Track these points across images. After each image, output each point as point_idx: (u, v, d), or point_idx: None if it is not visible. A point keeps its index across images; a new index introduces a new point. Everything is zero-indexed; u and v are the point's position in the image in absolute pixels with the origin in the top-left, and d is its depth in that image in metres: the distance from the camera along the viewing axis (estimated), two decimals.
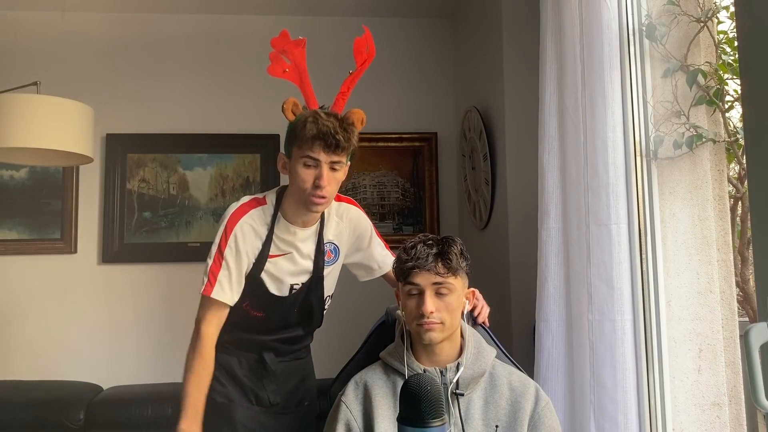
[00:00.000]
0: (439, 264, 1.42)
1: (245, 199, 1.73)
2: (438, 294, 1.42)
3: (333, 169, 1.61)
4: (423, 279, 1.42)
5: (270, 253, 1.69)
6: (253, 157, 3.38)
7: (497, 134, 2.72)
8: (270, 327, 1.80)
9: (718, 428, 1.66)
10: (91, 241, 3.28)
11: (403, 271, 1.44)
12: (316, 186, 1.59)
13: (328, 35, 3.50)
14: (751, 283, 1.84)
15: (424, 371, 1.43)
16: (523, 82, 2.48)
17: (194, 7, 3.38)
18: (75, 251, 3.25)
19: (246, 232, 1.66)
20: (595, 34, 1.78)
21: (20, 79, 2.86)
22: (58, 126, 2.44)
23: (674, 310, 1.72)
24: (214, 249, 1.67)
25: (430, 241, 1.45)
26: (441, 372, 1.44)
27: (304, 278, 1.76)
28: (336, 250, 1.83)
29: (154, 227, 3.31)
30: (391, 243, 3.32)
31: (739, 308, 1.74)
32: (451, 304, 1.43)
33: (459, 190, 3.42)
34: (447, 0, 3.40)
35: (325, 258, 1.78)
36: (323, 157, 1.59)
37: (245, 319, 1.76)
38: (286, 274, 1.73)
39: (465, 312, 1.51)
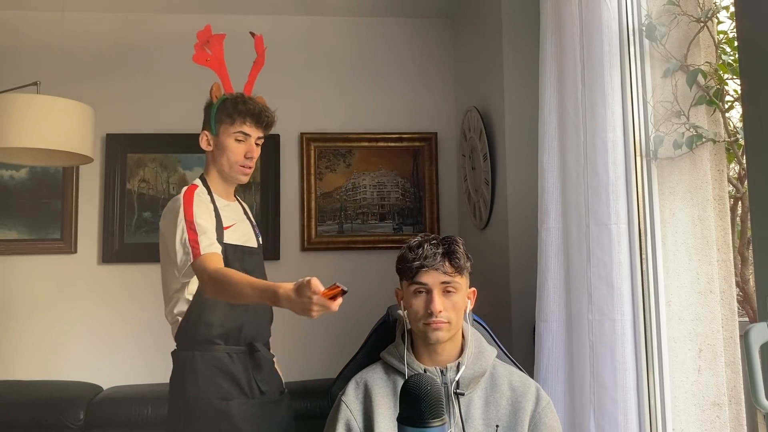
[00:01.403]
0: (447, 263, 1.43)
1: (182, 190, 1.86)
2: (445, 293, 1.43)
3: (257, 144, 1.91)
4: (431, 278, 1.42)
5: (224, 225, 1.86)
6: None
7: (497, 134, 2.72)
8: None
9: (718, 428, 1.66)
10: (91, 241, 3.28)
11: (410, 270, 1.44)
12: (247, 158, 1.88)
13: (328, 35, 3.50)
14: (751, 283, 1.84)
15: (425, 371, 1.43)
16: (523, 82, 2.48)
17: (194, 7, 3.38)
18: (75, 251, 3.25)
19: (202, 200, 1.84)
20: (595, 34, 1.78)
21: (20, 79, 2.86)
22: (58, 126, 2.44)
23: (674, 310, 1.72)
24: (182, 226, 1.74)
25: (434, 240, 1.46)
26: (441, 372, 1.44)
27: (254, 242, 1.98)
28: (257, 229, 2.08)
29: (154, 227, 3.30)
30: (391, 243, 3.36)
31: (739, 308, 1.74)
32: (458, 303, 1.44)
33: (459, 190, 3.42)
34: (447, 0, 3.39)
35: (255, 231, 2.03)
36: (253, 132, 1.89)
37: None
38: (242, 241, 1.90)
39: (467, 312, 1.51)
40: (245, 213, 2.03)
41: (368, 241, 3.40)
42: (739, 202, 1.88)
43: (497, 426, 1.41)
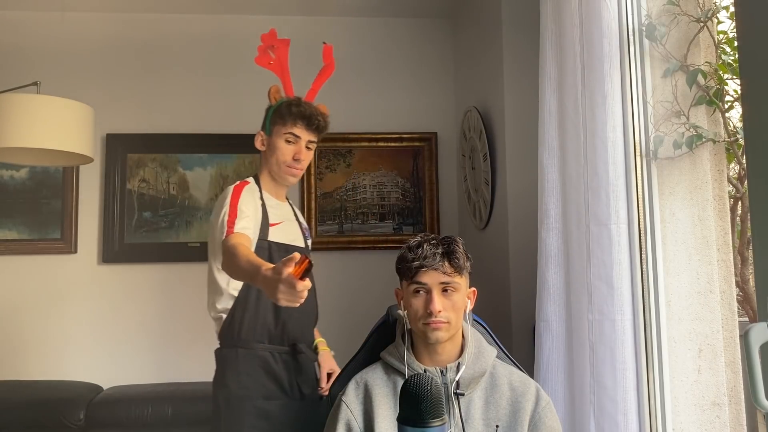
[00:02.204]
0: (446, 263, 1.43)
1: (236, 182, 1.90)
2: (444, 293, 1.43)
3: (308, 147, 1.93)
4: (430, 278, 1.43)
5: (270, 221, 1.88)
6: (253, 157, 3.38)
7: (497, 134, 2.72)
8: None
9: (718, 428, 1.66)
10: (91, 241, 3.28)
11: (409, 270, 1.45)
12: (296, 159, 1.90)
13: (328, 35, 3.50)
14: (751, 283, 1.84)
15: (425, 371, 1.43)
16: (523, 82, 2.48)
17: (194, 7, 3.38)
18: (75, 251, 3.25)
19: (252, 195, 1.87)
20: (595, 34, 1.78)
21: (20, 79, 2.86)
22: (58, 126, 2.44)
23: (674, 310, 1.72)
24: (225, 208, 1.77)
25: (434, 240, 1.46)
26: (441, 372, 1.44)
27: (301, 242, 1.99)
28: (307, 231, 2.09)
29: (154, 227, 3.31)
30: (391, 243, 3.36)
31: (739, 308, 1.74)
32: (457, 303, 1.44)
33: (459, 190, 3.42)
34: (447, 0, 3.39)
35: (303, 234, 2.05)
36: (304, 135, 1.90)
37: None
38: (288, 240, 1.92)
39: (467, 312, 1.51)
40: (295, 214, 2.05)
41: (368, 241, 3.40)
42: (739, 202, 1.88)
43: (497, 426, 1.41)
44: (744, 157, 1.52)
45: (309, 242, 2.06)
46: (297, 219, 2.06)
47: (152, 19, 3.42)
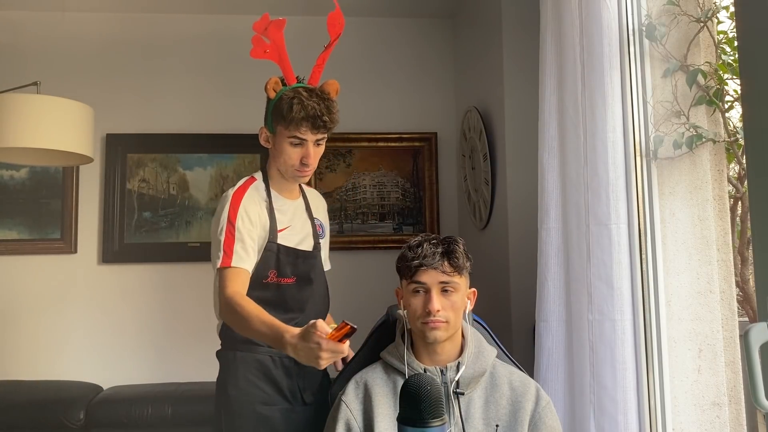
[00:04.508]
0: (446, 263, 1.43)
1: (241, 181, 1.80)
2: (443, 292, 1.43)
3: (317, 144, 1.76)
4: (429, 277, 1.43)
5: (278, 227, 1.77)
6: (253, 157, 3.38)
7: (497, 134, 2.72)
8: (302, 297, 1.79)
9: (718, 428, 1.66)
10: (91, 241, 3.27)
11: (409, 269, 1.45)
12: (303, 164, 1.74)
13: (327, 35, 3.49)
14: (751, 283, 1.84)
15: (425, 370, 1.44)
16: (523, 82, 2.48)
17: (194, 7, 3.38)
18: (75, 251, 3.25)
19: (252, 202, 1.73)
20: (595, 34, 1.78)
21: (20, 79, 2.86)
22: (58, 126, 2.44)
23: (674, 310, 1.72)
24: (222, 224, 1.68)
25: (434, 240, 1.46)
26: (441, 371, 1.44)
27: (310, 244, 1.85)
28: (323, 227, 1.95)
29: (154, 227, 3.31)
30: (391, 243, 3.36)
31: (739, 308, 1.74)
32: (456, 302, 1.44)
33: (459, 190, 3.42)
34: (447, 0, 3.39)
35: (317, 231, 1.91)
36: (310, 137, 1.72)
37: (277, 294, 1.75)
38: (295, 243, 1.80)
39: (467, 312, 1.51)
40: (307, 211, 1.90)
41: (368, 241, 3.40)
42: (739, 202, 1.88)
43: (497, 426, 1.41)
44: (744, 157, 1.52)
45: (320, 238, 1.90)
46: (310, 215, 1.90)
47: (152, 19, 3.42)
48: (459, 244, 1.47)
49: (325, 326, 1.27)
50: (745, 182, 1.60)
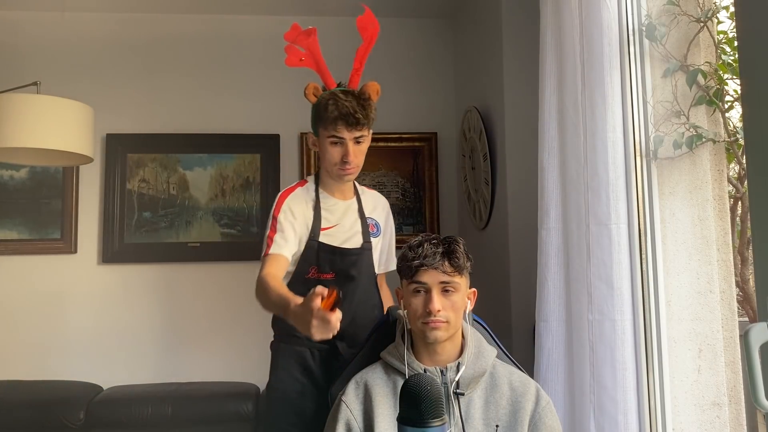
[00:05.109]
0: (446, 263, 1.43)
1: (292, 184, 1.91)
2: (444, 292, 1.43)
3: (358, 142, 1.81)
4: (430, 277, 1.43)
5: (322, 226, 1.84)
6: (253, 157, 3.38)
7: (497, 134, 2.72)
8: (342, 293, 1.80)
9: (718, 428, 1.66)
10: (91, 241, 3.27)
11: (409, 269, 1.45)
12: (344, 162, 1.80)
13: (327, 35, 3.49)
14: (751, 283, 1.84)
15: (425, 371, 1.43)
16: (523, 82, 2.48)
17: (194, 7, 3.38)
18: (75, 251, 3.25)
19: (298, 200, 1.84)
20: (595, 34, 1.78)
21: (20, 79, 2.86)
22: (58, 126, 2.44)
23: (674, 310, 1.72)
24: (269, 222, 1.80)
25: (435, 240, 1.46)
26: (441, 371, 1.44)
27: (357, 242, 1.88)
28: (378, 226, 1.97)
29: (154, 227, 3.30)
30: None
31: (739, 308, 1.74)
32: (456, 303, 1.44)
33: (459, 190, 3.42)
34: (447, 0, 3.39)
35: (370, 230, 1.93)
36: (347, 135, 1.79)
37: None
38: (340, 242, 1.86)
39: (467, 312, 1.51)
40: (359, 211, 1.93)
41: None
42: (739, 202, 1.88)
43: (497, 426, 1.41)
44: (744, 157, 1.52)
45: (375, 237, 1.93)
46: (361, 216, 1.92)
47: (152, 19, 3.42)
48: (459, 244, 1.47)
49: (323, 290, 1.28)
50: (745, 182, 1.60)
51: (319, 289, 1.28)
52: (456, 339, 1.48)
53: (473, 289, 1.53)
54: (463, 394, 1.42)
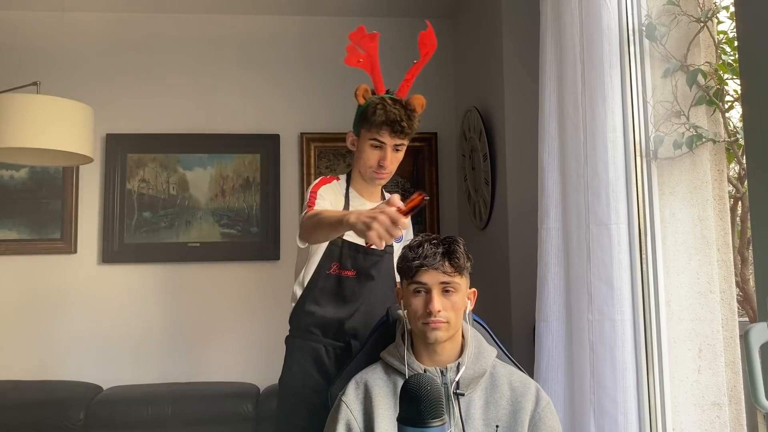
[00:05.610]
0: (447, 263, 1.43)
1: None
2: (444, 293, 1.43)
3: (396, 150, 1.89)
4: (430, 278, 1.42)
5: None
6: (253, 157, 3.38)
7: (497, 134, 2.72)
8: (362, 290, 1.85)
9: (718, 428, 1.66)
10: (91, 241, 3.27)
11: (409, 269, 1.44)
12: (381, 166, 1.86)
13: (327, 35, 3.50)
14: (751, 283, 1.84)
15: (425, 371, 1.43)
16: (523, 82, 2.48)
17: (194, 7, 3.38)
18: (75, 251, 3.25)
19: (332, 190, 1.88)
20: (595, 34, 1.78)
21: (20, 79, 2.86)
22: (58, 126, 2.43)
23: (674, 310, 1.72)
24: (307, 195, 1.82)
25: (435, 240, 1.46)
26: (441, 372, 1.44)
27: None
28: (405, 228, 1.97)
29: (154, 227, 3.31)
30: None
31: (739, 308, 1.74)
32: (457, 303, 1.44)
33: (459, 190, 3.42)
34: (447, 0, 3.39)
35: None
36: (389, 141, 1.85)
37: (337, 284, 1.83)
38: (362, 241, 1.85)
39: (467, 312, 1.51)
40: None
41: None
42: (739, 202, 1.88)
43: (497, 426, 1.41)
44: (744, 157, 1.52)
45: (398, 243, 1.93)
46: None
47: (152, 19, 3.42)
48: (459, 245, 1.47)
49: (398, 200, 1.29)
50: (745, 182, 1.60)
51: (395, 197, 1.29)
52: (456, 339, 1.48)
53: (473, 289, 1.53)
54: (463, 395, 1.42)
